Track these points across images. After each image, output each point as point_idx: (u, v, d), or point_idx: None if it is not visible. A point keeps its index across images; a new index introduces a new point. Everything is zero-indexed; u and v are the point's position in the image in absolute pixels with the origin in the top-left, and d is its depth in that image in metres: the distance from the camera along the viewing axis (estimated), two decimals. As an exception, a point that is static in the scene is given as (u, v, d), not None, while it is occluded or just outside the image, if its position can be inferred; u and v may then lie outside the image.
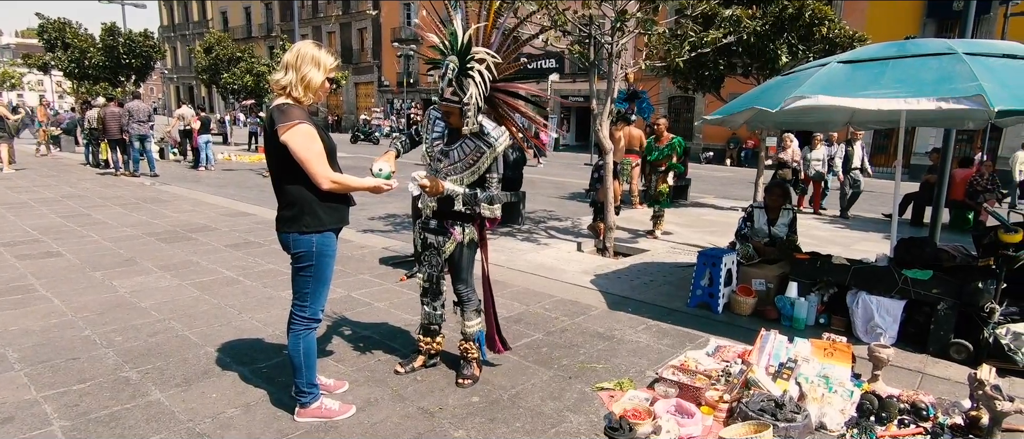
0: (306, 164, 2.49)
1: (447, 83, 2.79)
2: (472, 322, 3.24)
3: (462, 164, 3.00)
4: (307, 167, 2.50)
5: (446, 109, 2.89)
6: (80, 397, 2.98)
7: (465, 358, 3.27)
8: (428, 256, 3.20)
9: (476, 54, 2.75)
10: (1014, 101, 2.92)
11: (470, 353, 3.25)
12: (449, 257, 3.16)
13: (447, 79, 2.78)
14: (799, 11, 8.64)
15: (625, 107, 8.97)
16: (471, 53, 2.74)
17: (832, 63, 3.85)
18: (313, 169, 2.50)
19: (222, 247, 6.36)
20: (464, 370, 3.25)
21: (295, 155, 2.48)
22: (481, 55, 2.75)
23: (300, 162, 2.49)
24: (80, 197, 9.73)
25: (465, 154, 2.99)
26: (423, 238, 3.19)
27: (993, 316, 3.58)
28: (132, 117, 12.13)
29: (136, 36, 22.59)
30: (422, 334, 3.36)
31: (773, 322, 4.27)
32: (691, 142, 23.76)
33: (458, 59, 2.75)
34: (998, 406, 2.66)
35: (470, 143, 2.97)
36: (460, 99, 2.78)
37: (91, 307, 4.31)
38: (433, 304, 3.27)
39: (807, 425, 2.73)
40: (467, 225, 3.11)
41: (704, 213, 10.16)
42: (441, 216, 3.10)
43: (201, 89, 43.64)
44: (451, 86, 2.79)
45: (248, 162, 17.00)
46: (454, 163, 3.01)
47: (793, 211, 5.21)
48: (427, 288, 3.25)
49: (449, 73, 2.76)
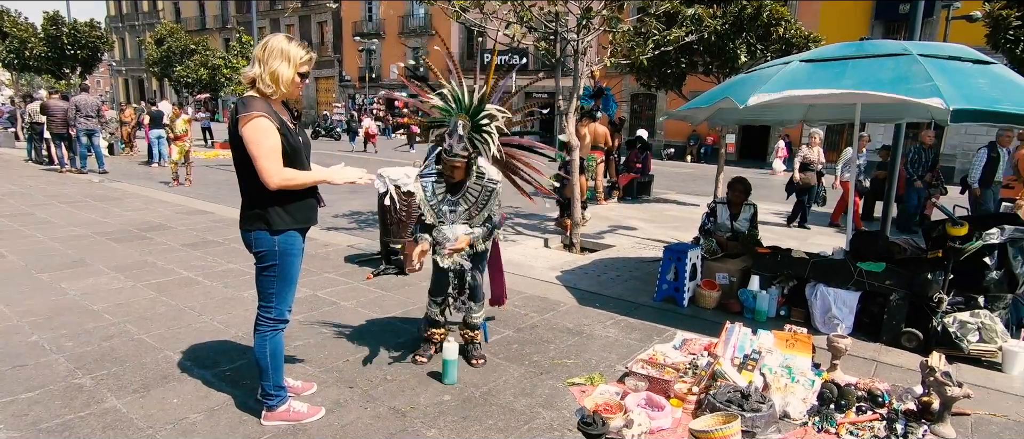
0: (256, 160, 2.39)
1: (457, 140, 2.99)
2: (478, 313, 3.44)
3: (475, 208, 3.18)
4: (256, 162, 2.40)
5: (454, 164, 3.05)
6: (29, 406, 2.83)
7: (472, 343, 3.47)
8: (440, 275, 3.32)
9: (488, 112, 3.00)
10: (965, 101, 3.06)
11: (476, 339, 3.48)
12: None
13: (458, 136, 2.98)
14: (757, 11, 8.85)
15: (590, 104, 9.05)
16: (483, 110, 3.00)
17: (794, 62, 3.97)
18: (260, 165, 2.40)
19: (179, 246, 6.14)
20: (474, 353, 3.46)
21: (247, 148, 2.40)
22: (493, 112, 3.01)
23: (251, 156, 2.40)
24: (23, 195, 9.24)
25: (474, 199, 3.17)
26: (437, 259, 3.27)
27: (941, 306, 3.76)
28: (79, 111, 11.58)
29: (82, 26, 21.58)
30: (432, 327, 3.48)
31: (737, 315, 4.38)
32: (653, 139, 24.19)
33: (470, 118, 3.00)
34: (948, 392, 2.79)
35: (475, 188, 3.16)
36: (469, 155, 3.02)
37: (38, 311, 4.10)
38: (440, 307, 3.41)
39: (772, 414, 2.81)
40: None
41: (667, 209, 10.34)
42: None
43: (152, 82, 42.05)
44: (462, 142, 2.99)
45: (204, 158, 16.45)
46: (466, 210, 3.18)
47: (754, 207, 5.35)
48: (436, 291, 3.40)
49: (460, 130, 2.98)
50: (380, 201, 5.31)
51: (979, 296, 3.83)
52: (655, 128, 25.14)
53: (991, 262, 3.77)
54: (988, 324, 3.67)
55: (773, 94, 3.43)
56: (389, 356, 3.51)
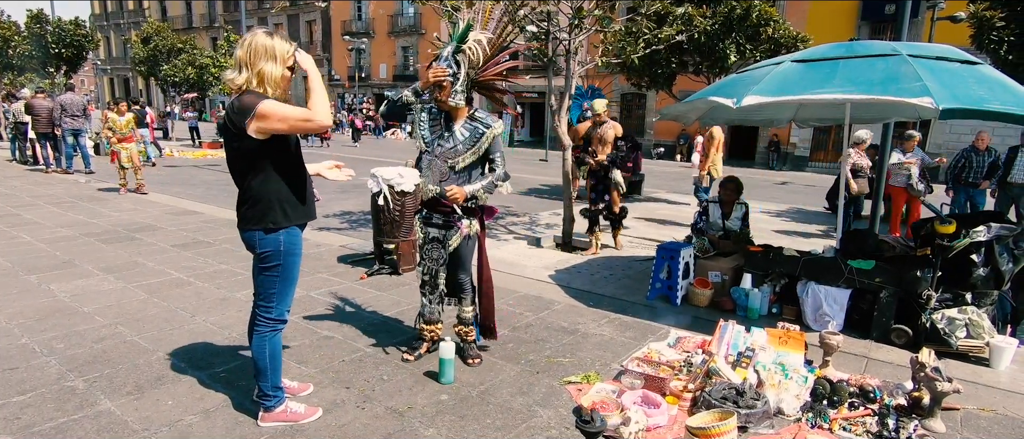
0: (294, 126, 2.39)
1: (442, 59, 3.07)
2: (469, 308, 3.44)
3: (463, 145, 3.16)
4: (298, 126, 2.39)
5: (437, 81, 3.07)
6: (21, 409, 2.79)
7: (465, 341, 3.44)
8: (429, 250, 3.31)
9: (471, 37, 3.09)
10: (954, 101, 3.11)
11: (469, 336, 3.45)
12: (453, 249, 3.27)
13: (442, 57, 3.07)
14: (747, 12, 8.95)
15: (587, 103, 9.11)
16: (467, 37, 3.09)
17: (786, 62, 4.01)
18: (302, 125, 2.40)
19: (169, 247, 6.08)
20: (470, 352, 3.45)
21: (281, 130, 2.39)
22: (476, 36, 3.10)
23: (292, 131, 2.41)
24: (8, 195, 9.10)
25: (465, 136, 3.16)
26: (425, 232, 3.29)
27: (930, 302, 3.82)
28: (65, 111, 11.42)
29: (66, 25, 21.29)
30: (425, 323, 3.46)
31: (729, 313, 4.42)
32: (643, 138, 24.31)
33: (456, 43, 3.08)
34: (939, 387, 2.84)
35: (468, 126, 3.17)
36: (454, 72, 3.05)
37: (27, 313, 4.05)
38: (431, 297, 3.39)
39: (766, 411, 2.84)
40: (471, 218, 3.26)
41: (658, 207, 10.40)
42: (444, 209, 3.21)
43: (138, 81, 41.57)
44: (446, 60, 3.06)
45: (192, 158, 16.31)
46: (455, 146, 3.16)
47: (746, 205, 5.40)
48: (426, 281, 3.36)
49: (445, 52, 3.07)
50: (373, 201, 5.30)
51: (967, 293, 3.89)
52: (645, 127, 25.29)
53: (978, 259, 3.83)
54: (976, 320, 3.73)
55: (766, 97, 3.46)
56: (384, 356, 3.50)
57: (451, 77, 3.05)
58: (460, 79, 3.07)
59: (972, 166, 7.83)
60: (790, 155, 22.57)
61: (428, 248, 3.31)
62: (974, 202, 7.97)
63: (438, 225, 3.26)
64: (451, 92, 3.08)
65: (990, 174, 7.79)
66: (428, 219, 3.28)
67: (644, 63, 9.55)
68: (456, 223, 3.22)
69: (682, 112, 5.03)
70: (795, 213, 10.23)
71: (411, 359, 3.41)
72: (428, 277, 3.35)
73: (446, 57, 3.07)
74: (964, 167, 7.88)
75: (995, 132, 13.68)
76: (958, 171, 7.92)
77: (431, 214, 3.26)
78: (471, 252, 3.36)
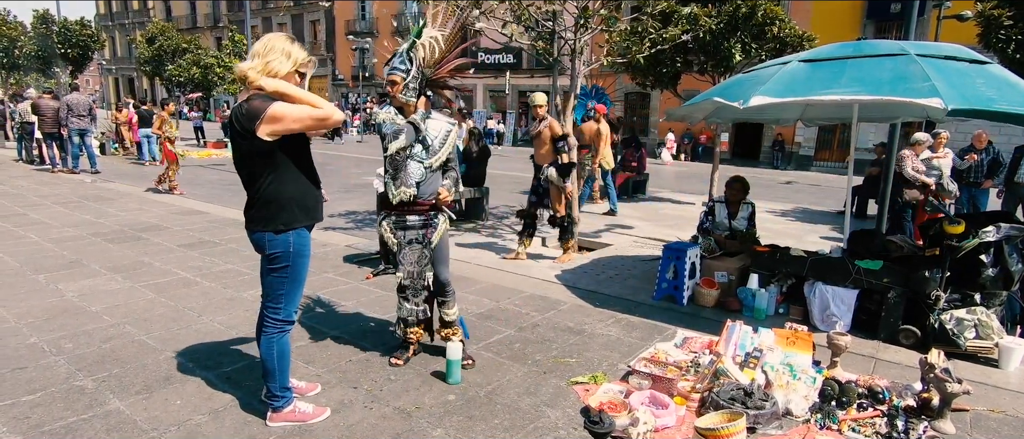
0: (307, 125, 2.45)
1: (396, 56, 3.12)
2: (453, 309, 3.41)
3: (437, 143, 3.21)
4: (319, 125, 2.47)
5: (392, 79, 3.11)
6: (31, 409, 2.81)
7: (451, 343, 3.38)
8: (409, 252, 3.27)
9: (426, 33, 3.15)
10: (963, 101, 3.10)
11: (456, 337, 3.39)
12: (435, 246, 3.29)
13: (397, 54, 3.12)
14: (752, 10, 8.90)
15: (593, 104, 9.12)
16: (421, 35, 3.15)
17: (793, 62, 3.99)
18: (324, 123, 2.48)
19: (175, 247, 6.10)
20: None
21: (296, 130, 2.44)
22: (431, 33, 3.17)
23: (306, 129, 2.47)
24: (15, 195, 9.15)
25: (437, 135, 3.22)
26: (400, 237, 3.26)
27: (938, 303, 3.80)
28: (71, 111, 11.47)
29: (72, 25, 21.37)
30: (408, 327, 3.43)
31: (736, 313, 4.41)
32: (646, 137, 24.26)
33: (413, 39, 3.13)
34: (948, 388, 2.82)
35: (435, 125, 3.23)
36: (407, 68, 3.10)
37: (35, 312, 4.07)
38: (416, 300, 3.34)
39: (775, 412, 2.83)
40: (443, 214, 3.31)
41: (662, 207, 10.38)
42: (420, 209, 3.22)
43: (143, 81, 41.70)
44: (400, 57, 3.11)
45: (197, 157, 16.36)
46: (431, 145, 3.20)
47: (752, 205, 5.38)
48: (408, 285, 3.31)
49: (401, 50, 3.13)
50: (379, 200, 5.29)
51: (975, 293, 3.87)
52: (648, 126, 25.23)
53: (987, 260, 3.81)
54: (984, 321, 3.71)
55: (773, 98, 3.45)
56: (387, 357, 3.50)
57: (403, 73, 3.09)
58: (411, 74, 3.11)
59: (973, 165, 7.84)
60: (795, 154, 22.48)
61: (406, 252, 3.28)
62: (976, 202, 7.95)
63: (415, 227, 3.24)
64: (403, 87, 3.11)
65: (991, 172, 7.77)
66: (401, 223, 3.25)
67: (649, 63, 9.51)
68: (433, 221, 3.27)
69: (688, 112, 5.02)
70: (800, 213, 10.20)
71: (399, 363, 3.39)
72: (409, 281, 3.31)
73: (401, 54, 3.13)
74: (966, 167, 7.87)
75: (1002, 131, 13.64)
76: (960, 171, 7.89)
77: (404, 217, 3.23)
78: (448, 249, 3.42)
